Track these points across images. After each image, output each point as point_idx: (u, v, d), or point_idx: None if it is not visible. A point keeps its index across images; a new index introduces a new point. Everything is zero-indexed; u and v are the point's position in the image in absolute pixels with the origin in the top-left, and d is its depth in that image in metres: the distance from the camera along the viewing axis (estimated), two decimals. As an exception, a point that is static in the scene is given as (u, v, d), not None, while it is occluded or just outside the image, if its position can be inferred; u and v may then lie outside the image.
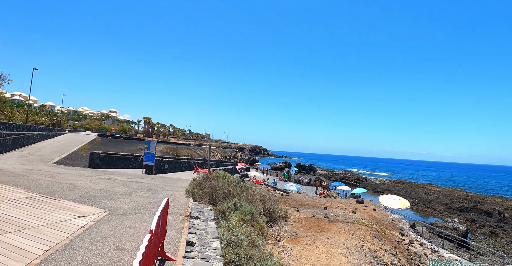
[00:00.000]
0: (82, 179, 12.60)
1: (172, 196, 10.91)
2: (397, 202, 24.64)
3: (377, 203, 18.17)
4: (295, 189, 29.27)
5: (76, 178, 12.68)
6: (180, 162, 22.49)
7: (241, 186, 8.98)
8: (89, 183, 11.86)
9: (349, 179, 71.71)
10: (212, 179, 8.65)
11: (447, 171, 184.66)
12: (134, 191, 11.15)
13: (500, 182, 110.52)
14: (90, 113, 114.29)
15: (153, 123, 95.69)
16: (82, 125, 74.43)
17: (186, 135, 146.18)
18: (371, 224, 12.49)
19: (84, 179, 12.66)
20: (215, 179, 8.68)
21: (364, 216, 13.59)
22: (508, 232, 33.54)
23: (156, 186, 12.98)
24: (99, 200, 8.95)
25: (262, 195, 9.02)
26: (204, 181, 8.60)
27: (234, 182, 8.96)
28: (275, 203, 9.05)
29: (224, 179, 8.95)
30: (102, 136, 45.05)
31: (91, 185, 11.30)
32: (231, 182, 8.81)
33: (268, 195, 9.23)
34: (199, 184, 8.47)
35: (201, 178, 8.87)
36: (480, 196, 58.01)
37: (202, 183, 8.48)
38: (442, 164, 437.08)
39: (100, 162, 18.19)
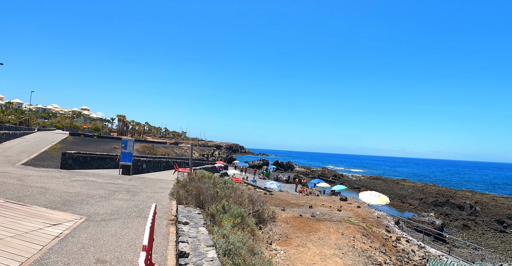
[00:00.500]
0: (54, 182, 11.74)
1: (153, 198, 10.32)
2: (377, 198, 24.90)
3: (359, 200, 18.18)
4: (276, 187, 29.05)
5: (47, 181, 11.80)
6: (158, 161, 21.69)
7: (228, 187, 8.53)
8: (62, 185, 11.04)
9: (326, 176, 72.48)
10: (197, 180, 8.16)
11: (419, 167, 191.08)
12: (111, 193, 10.46)
13: (468, 177, 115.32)
14: (60, 111, 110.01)
15: (127, 121, 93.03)
16: (53, 124, 71.37)
17: (162, 133, 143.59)
18: (357, 221, 12.38)
19: (56, 182, 11.80)
20: (200, 180, 8.19)
21: (350, 213, 13.46)
22: (479, 224, 34.80)
23: (135, 188, 12.30)
24: (74, 204, 8.25)
25: (251, 196, 8.61)
26: (189, 182, 8.08)
27: (220, 182, 8.50)
28: (263, 204, 8.67)
29: (209, 179, 8.47)
30: (74, 134, 43.19)
31: (65, 188, 10.50)
32: (217, 183, 8.35)
33: (257, 196, 8.83)
34: (184, 185, 7.95)
35: (185, 179, 8.34)
36: (452, 191, 60.09)
37: (187, 184, 7.97)
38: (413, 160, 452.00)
39: (73, 162, 17.19)
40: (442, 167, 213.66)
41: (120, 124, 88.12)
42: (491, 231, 32.93)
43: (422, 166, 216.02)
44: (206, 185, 7.86)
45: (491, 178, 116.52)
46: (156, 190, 12.30)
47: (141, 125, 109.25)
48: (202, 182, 8.18)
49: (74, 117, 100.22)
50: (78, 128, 67.02)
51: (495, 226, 34.09)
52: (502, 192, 68.51)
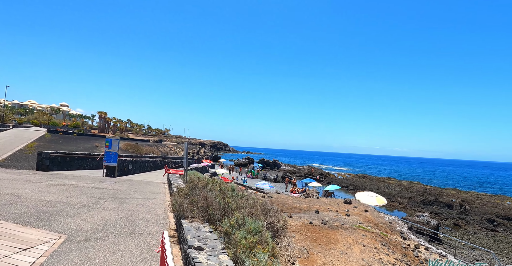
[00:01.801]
0: (28, 187, 10.16)
1: (145, 206, 8.95)
2: (374, 199, 24.03)
3: (363, 203, 17.22)
4: (268, 188, 27.89)
5: (20, 186, 10.21)
6: (145, 161, 20.14)
7: (237, 195, 7.26)
8: (37, 191, 9.49)
9: (313, 174, 71.97)
10: (201, 187, 6.85)
11: (401, 165, 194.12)
12: (96, 201, 9.00)
13: (449, 175, 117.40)
14: (38, 107, 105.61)
15: (109, 118, 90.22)
16: (29, 120, 68.02)
17: (145, 131, 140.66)
18: (370, 228, 11.34)
19: (31, 187, 10.22)
20: (205, 187, 6.89)
21: (360, 219, 12.43)
22: (470, 223, 34.70)
23: (122, 193, 10.85)
24: (51, 217, 6.80)
25: (263, 205, 7.38)
26: (192, 190, 6.77)
27: (228, 190, 7.22)
28: (277, 213, 7.45)
29: (215, 185, 7.18)
30: (52, 131, 40.78)
31: (40, 195, 8.97)
32: (225, 190, 7.07)
33: (270, 204, 7.59)
34: (186, 194, 6.63)
35: (187, 186, 7.02)
36: (437, 189, 60.37)
37: (190, 193, 6.65)
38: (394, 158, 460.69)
39: (51, 163, 15.49)
40: (422, 165, 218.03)
41: (101, 122, 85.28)
42: (482, 230, 32.83)
43: (403, 164, 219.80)
44: (213, 193, 6.56)
45: (472, 176, 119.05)
46: (146, 195, 10.90)
47: (123, 123, 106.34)
48: (207, 190, 6.88)
49: (52, 114, 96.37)
50: (57, 125, 64.04)
51: (486, 225, 34.01)
52: (484, 190, 69.62)
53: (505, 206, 43.69)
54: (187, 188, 6.81)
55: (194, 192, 6.81)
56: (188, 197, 6.58)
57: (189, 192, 6.72)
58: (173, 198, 6.94)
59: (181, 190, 6.83)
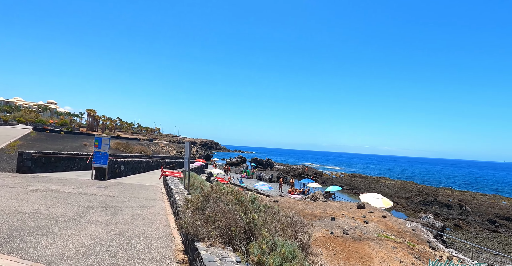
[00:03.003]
0: (3, 193, 8.67)
1: (143, 218, 7.57)
2: (381, 201, 22.97)
3: (377, 207, 16.07)
4: (267, 189, 26.60)
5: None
6: (138, 162, 18.64)
7: (259, 207, 5.96)
8: (14, 200, 8.02)
9: (307, 174, 71.03)
10: (216, 198, 5.52)
11: (392, 164, 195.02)
12: (84, 211, 7.58)
13: (441, 174, 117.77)
14: (24, 105, 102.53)
15: (98, 116, 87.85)
16: (15, 118, 65.60)
17: (135, 129, 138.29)
18: (393, 237, 10.18)
19: (6, 193, 8.73)
20: (220, 199, 5.56)
21: (380, 226, 11.27)
22: (471, 224, 34.02)
23: (115, 200, 9.43)
24: (26, 237, 5.38)
25: (292, 219, 6.11)
26: (205, 202, 5.43)
27: (248, 200, 5.90)
28: (307, 228, 6.19)
29: (230, 195, 5.85)
30: (38, 129, 38.79)
31: (16, 205, 7.52)
32: (244, 201, 5.75)
33: (298, 217, 6.32)
34: (199, 208, 5.28)
35: (197, 197, 5.67)
36: (432, 188, 59.98)
37: (203, 206, 5.31)
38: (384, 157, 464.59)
39: (33, 164, 13.93)
40: (412, 164, 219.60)
41: (90, 120, 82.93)
42: (484, 231, 32.17)
43: (394, 163, 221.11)
44: (232, 206, 5.24)
45: (463, 175, 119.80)
46: (142, 202, 9.49)
47: (112, 121, 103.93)
48: (222, 201, 5.55)
49: (39, 112, 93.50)
50: (44, 123, 61.73)
51: (488, 225, 33.36)
52: (477, 189, 69.60)
53: (502, 205, 43.29)
54: (198, 200, 5.46)
55: (207, 205, 5.48)
56: (202, 211, 5.25)
57: (201, 205, 5.37)
58: (181, 213, 5.58)
59: (191, 202, 5.48)
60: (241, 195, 6.21)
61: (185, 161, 10.29)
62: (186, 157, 9.63)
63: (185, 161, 10.11)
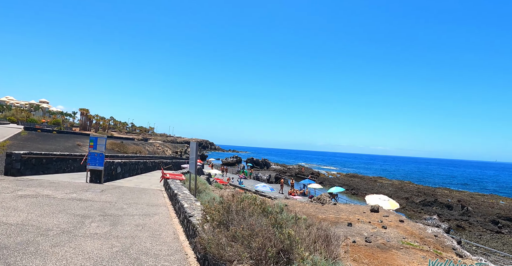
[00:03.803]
0: (-13, 200, 7.69)
1: (147, 229, 6.65)
2: (387, 203, 22.22)
3: (391, 210, 15.30)
4: (269, 190, 25.74)
5: (-25, 199, 7.74)
6: (135, 163, 17.64)
7: (288, 218, 5.09)
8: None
9: (303, 174, 70.29)
10: (240, 209, 4.64)
11: (387, 164, 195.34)
12: (79, 221, 6.64)
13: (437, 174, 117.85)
14: (16, 104, 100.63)
15: (91, 115, 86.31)
16: (6, 117, 64.04)
17: (129, 129, 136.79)
18: (417, 244, 9.40)
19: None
20: (245, 209, 4.68)
21: (400, 232, 10.49)
22: (474, 225, 33.46)
23: (113, 206, 8.48)
24: (10, 258, 4.44)
25: (325, 231, 5.26)
26: (227, 215, 4.54)
27: (276, 211, 5.02)
28: (340, 240, 5.34)
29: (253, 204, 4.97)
30: (30, 129, 37.52)
31: (1, 214, 6.56)
32: (271, 212, 4.88)
33: (333, 231, 5.45)
34: (221, 223, 4.39)
35: (216, 208, 4.77)
36: (430, 188, 59.64)
37: (225, 220, 4.42)
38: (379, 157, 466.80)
39: (23, 166, 12.89)
40: (407, 163, 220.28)
41: (83, 119, 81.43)
42: (487, 232, 31.61)
43: (389, 162, 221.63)
44: (259, 220, 4.38)
45: (458, 175, 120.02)
46: (144, 209, 8.56)
47: (105, 120, 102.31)
48: (247, 213, 4.67)
49: (31, 111, 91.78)
50: (36, 123, 60.28)
51: (491, 226, 32.83)
52: (474, 189, 69.46)
53: (501, 206, 42.96)
54: (219, 212, 4.56)
55: (229, 217, 4.59)
56: (224, 226, 4.35)
57: (223, 218, 4.48)
58: (198, 228, 4.68)
59: (210, 215, 4.58)
60: (266, 204, 5.34)
61: (190, 162, 9.40)
62: (193, 158, 8.72)
63: (191, 162, 9.21)
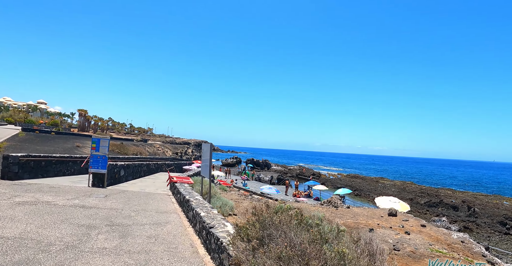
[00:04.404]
0: (-19, 209, 6.95)
1: (160, 241, 5.93)
2: (398, 205, 21.56)
3: (407, 214, 14.62)
4: (275, 192, 25.01)
5: (-32, 207, 6.99)
6: (138, 165, 16.88)
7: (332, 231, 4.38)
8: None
9: (304, 175, 69.59)
10: (278, 222, 3.93)
11: (386, 164, 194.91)
12: (84, 234, 5.90)
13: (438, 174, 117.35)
14: (14, 105, 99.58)
15: (89, 116, 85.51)
16: (4, 118, 63.20)
17: (127, 130, 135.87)
18: (446, 251, 8.73)
19: (-15, 208, 7.01)
20: (282, 222, 3.97)
21: (425, 237, 9.83)
22: (482, 226, 32.86)
23: (120, 214, 7.74)
24: (5, 283, 3.72)
25: (370, 244, 4.59)
26: (263, 229, 3.83)
27: (316, 223, 4.30)
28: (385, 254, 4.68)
29: (286, 215, 4.26)
30: (28, 130, 36.68)
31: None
32: (311, 223, 4.19)
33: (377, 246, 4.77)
34: (259, 240, 3.67)
35: (250, 221, 4.05)
36: (433, 189, 59.14)
37: (263, 235, 3.71)
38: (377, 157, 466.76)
39: (20, 169, 12.13)
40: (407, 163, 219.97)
41: (81, 120, 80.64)
42: (496, 234, 31.03)
43: (388, 163, 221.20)
44: (302, 234, 3.68)
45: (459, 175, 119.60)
46: (154, 217, 7.82)
47: (104, 121, 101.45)
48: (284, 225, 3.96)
49: (29, 112, 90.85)
50: (34, 124, 59.34)
51: (499, 228, 32.24)
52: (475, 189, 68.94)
53: (506, 206, 42.47)
54: (256, 228, 3.84)
55: (266, 232, 3.87)
56: (260, 242, 3.64)
57: (259, 235, 3.76)
58: (231, 246, 3.95)
59: (244, 231, 3.87)
60: (303, 214, 4.63)
61: (203, 164, 8.67)
62: (206, 159, 7.99)
63: (204, 164, 8.49)
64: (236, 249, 3.77)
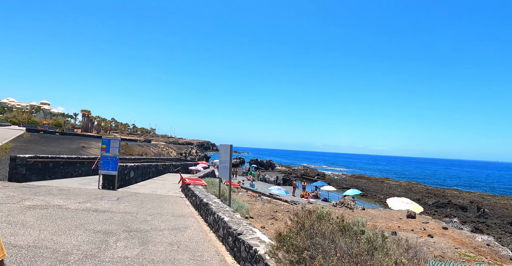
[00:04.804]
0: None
1: (183, 247, 5.53)
2: (411, 206, 21.03)
3: (425, 216, 14.17)
4: (284, 193, 24.59)
5: (-23, 212, 6.61)
6: (147, 166, 16.48)
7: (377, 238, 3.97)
8: (5, 224, 5.93)
9: (309, 175, 69.09)
10: (325, 230, 3.51)
11: (390, 164, 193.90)
12: (102, 241, 5.50)
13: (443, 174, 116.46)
14: (17, 105, 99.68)
15: (92, 117, 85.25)
16: (7, 119, 63.11)
17: (130, 130, 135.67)
18: (473, 255, 8.31)
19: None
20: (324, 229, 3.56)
21: (449, 240, 9.41)
22: (492, 227, 32.28)
23: (136, 219, 7.35)
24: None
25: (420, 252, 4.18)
26: (309, 238, 3.42)
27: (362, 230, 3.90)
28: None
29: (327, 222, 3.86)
30: (32, 130, 36.43)
31: (9, 232, 5.43)
32: (355, 230, 3.78)
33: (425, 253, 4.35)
34: (306, 250, 3.26)
35: (295, 230, 3.63)
36: (439, 189, 58.63)
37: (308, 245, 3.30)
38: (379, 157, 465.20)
39: (28, 171, 11.77)
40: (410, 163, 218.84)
41: (85, 120, 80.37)
42: (507, 235, 30.42)
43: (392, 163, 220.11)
44: (351, 243, 3.27)
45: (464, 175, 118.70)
46: (171, 221, 7.41)
47: (107, 122, 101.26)
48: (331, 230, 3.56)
49: (32, 112, 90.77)
50: (37, 124, 59.20)
51: (510, 229, 31.65)
52: (482, 189, 68.30)
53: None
54: (301, 237, 3.43)
55: (312, 241, 3.47)
56: (311, 255, 3.23)
57: (306, 245, 3.36)
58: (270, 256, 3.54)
59: (288, 239, 3.46)
60: (344, 220, 4.23)
61: (220, 166, 8.26)
62: (226, 160, 7.58)
63: (221, 165, 8.08)
64: (277, 260, 3.35)
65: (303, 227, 3.78)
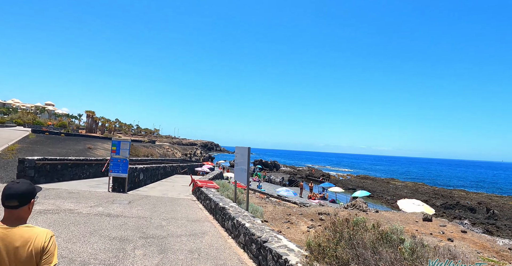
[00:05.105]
0: (2, 219, 6.30)
1: (204, 255, 5.25)
2: (422, 208, 20.64)
3: (442, 219, 13.82)
4: (292, 195, 24.26)
5: (-13, 217, 6.35)
6: (156, 168, 16.23)
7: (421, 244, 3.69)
8: (16, 230, 5.65)
9: (314, 176, 68.68)
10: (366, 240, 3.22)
11: (394, 164, 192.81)
12: (119, 249, 5.23)
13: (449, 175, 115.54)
14: (22, 106, 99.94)
15: (97, 117, 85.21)
16: (12, 120, 63.18)
17: (134, 131, 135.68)
18: (496, 260, 8.00)
19: (6, 219, 6.36)
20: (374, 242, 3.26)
21: (471, 245, 9.09)
22: (502, 229, 31.78)
23: (150, 224, 7.07)
24: None
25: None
26: (350, 248, 3.13)
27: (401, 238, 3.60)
28: None
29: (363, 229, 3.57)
30: (37, 131, 36.34)
31: (21, 240, 5.15)
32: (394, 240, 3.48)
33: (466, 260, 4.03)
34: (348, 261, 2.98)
35: (335, 239, 3.33)
36: (446, 190, 58.03)
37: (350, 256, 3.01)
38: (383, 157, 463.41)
39: (37, 173, 11.54)
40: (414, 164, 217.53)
41: (89, 121, 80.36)
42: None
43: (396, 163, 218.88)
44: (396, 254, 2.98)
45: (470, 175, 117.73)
46: (187, 227, 7.13)
47: (111, 122, 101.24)
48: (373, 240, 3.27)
49: (37, 113, 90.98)
50: (42, 125, 59.14)
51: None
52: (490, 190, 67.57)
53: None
54: (341, 247, 3.15)
55: (354, 252, 3.18)
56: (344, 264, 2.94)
57: (348, 256, 3.07)
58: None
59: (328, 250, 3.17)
60: (380, 227, 3.93)
61: (236, 168, 7.98)
62: (243, 162, 7.29)
63: (239, 168, 7.80)
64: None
65: (342, 236, 3.49)
